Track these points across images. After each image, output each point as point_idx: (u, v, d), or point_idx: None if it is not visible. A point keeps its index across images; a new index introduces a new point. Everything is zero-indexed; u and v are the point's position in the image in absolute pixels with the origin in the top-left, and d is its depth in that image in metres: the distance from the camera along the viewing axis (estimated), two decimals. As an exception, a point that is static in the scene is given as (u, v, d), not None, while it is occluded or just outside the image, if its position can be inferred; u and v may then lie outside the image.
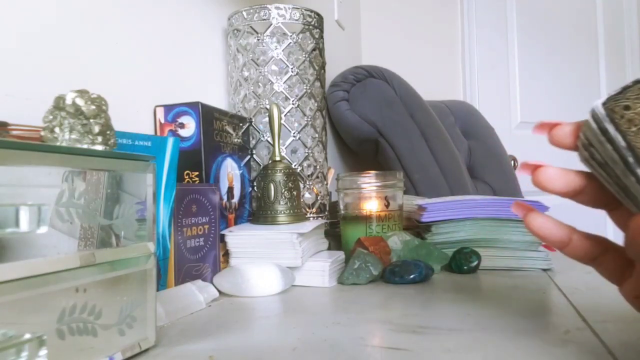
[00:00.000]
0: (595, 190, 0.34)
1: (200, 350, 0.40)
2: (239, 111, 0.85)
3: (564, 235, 0.35)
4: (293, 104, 0.84)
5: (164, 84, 0.75)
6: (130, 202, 0.38)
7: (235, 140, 0.78)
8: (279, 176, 0.72)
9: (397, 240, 0.73)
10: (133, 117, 0.68)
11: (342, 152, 1.44)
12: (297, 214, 0.73)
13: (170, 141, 0.57)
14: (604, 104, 0.32)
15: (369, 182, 0.79)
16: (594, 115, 0.32)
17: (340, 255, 0.72)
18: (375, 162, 1.33)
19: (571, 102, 2.09)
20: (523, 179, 1.62)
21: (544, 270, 0.72)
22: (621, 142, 0.30)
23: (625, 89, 0.32)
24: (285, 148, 0.84)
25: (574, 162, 0.34)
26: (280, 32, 0.84)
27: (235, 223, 0.76)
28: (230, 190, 0.76)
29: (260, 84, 0.84)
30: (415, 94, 1.32)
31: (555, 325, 0.44)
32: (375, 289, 0.63)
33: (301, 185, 0.84)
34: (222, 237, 0.67)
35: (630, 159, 0.30)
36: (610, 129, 0.31)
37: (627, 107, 0.31)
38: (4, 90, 0.50)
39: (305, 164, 0.87)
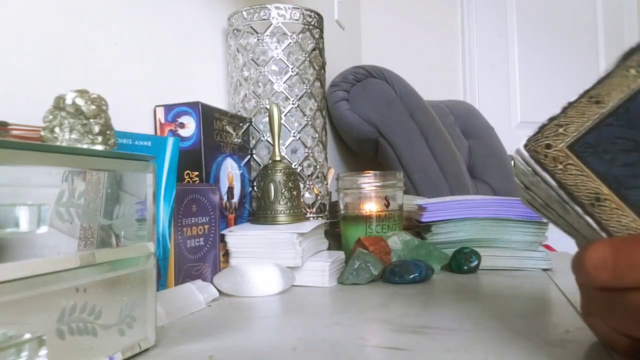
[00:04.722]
0: None
1: (200, 350, 0.40)
2: (239, 111, 0.85)
3: None
4: (293, 103, 0.84)
5: (164, 84, 0.75)
6: (130, 202, 0.38)
7: (236, 140, 0.78)
8: (279, 176, 0.72)
9: (397, 240, 0.73)
10: (133, 117, 0.68)
11: (342, 152, 1.44)
12: (297, 214, 0.73)
13: (170, 141, 0.57)
14: (525, 145, 0.32)
15: (369, 182, 0.79)
16: (521, 157, 0.32)
17: (340, 255, 0.72)
18: (375, 162, 1.33)
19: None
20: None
21: (544, 270, 0.72)
22: (551, 181, 0.31)
23: (542, 128, 0.32)
24: (285, 148, 0.84)
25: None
26: (280, 32, 0.84)
27: (235, 223, 0.76)
28: (230, 190, 0.76)
29: (260, 83, 0.84)
30: (415, 94, 1.32)
31: (555, 325, 0.44)
32: (375, 289, 0.63)
33: (301, 185, 0.84)
34: (222, 237, 0.67)
35: (565, 197, 0.30)
36: (538, 169, 0.31)
37: (548, 146, 0.31)
38: (4, 90, 0.50)
39: (305, 164, 0.87)
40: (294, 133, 0.85)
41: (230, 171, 0.76)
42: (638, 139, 0.31)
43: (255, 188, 0.82)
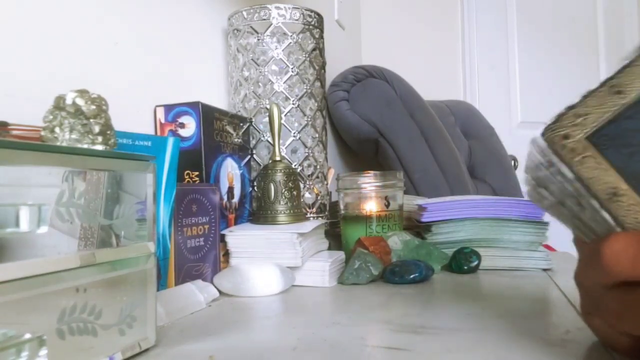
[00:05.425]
0: None
1: (200, 350, 0.40)
2: (239, 111, 0.85)
3: None
4: (293, 103, 0.84)
5: (164, 84, 0.75)
6: (131, 202, 0.38)
7: (236, 140, 0.78)
8: (279, 176, 0.72)
9: (397, 240, 0.73)
10: (133, 117, 0.68)
11: (342, 152, 1.44)
12: (297, 214, 0.73)
13: (171, 141, 0.57)
14: (542, 134, 0.30)
15: (369, 182, 0.79)
16: (538, 147, 0.31)
17: (341, 255, 0.72)
18: (375, 162, 1.33)
19: (571, 101, 2.09)
20: (523, 179, 1.62)
21: (544, 270, 0.72)
22: (568, 173, 0.29)
23: (560, 117, 0.30)
24: (286, 148, 0.84)
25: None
26: (280, 32, 0.84)
27: (236, 223, 0.76)
28: (230, 190, 0.76)
29: (260, 83, 0.84)
30: (415, 94, 1.32)
31: (555, 325, 0.44)
32: (375, 289, 0.63)
33: (301, 185, 0.84)
34: (222, 237, 0.67)
35: (582, 190, 0.29)
36: (555, 160, 0.30)
37: (566, 136, 0.30)
38: (4, 90, 0.50)
39: (305, 164, 0.87)
40: (294, 133, 0.85)
41: (230, 171, 0.76)
42: None
43: (255, 188, 0.82)
